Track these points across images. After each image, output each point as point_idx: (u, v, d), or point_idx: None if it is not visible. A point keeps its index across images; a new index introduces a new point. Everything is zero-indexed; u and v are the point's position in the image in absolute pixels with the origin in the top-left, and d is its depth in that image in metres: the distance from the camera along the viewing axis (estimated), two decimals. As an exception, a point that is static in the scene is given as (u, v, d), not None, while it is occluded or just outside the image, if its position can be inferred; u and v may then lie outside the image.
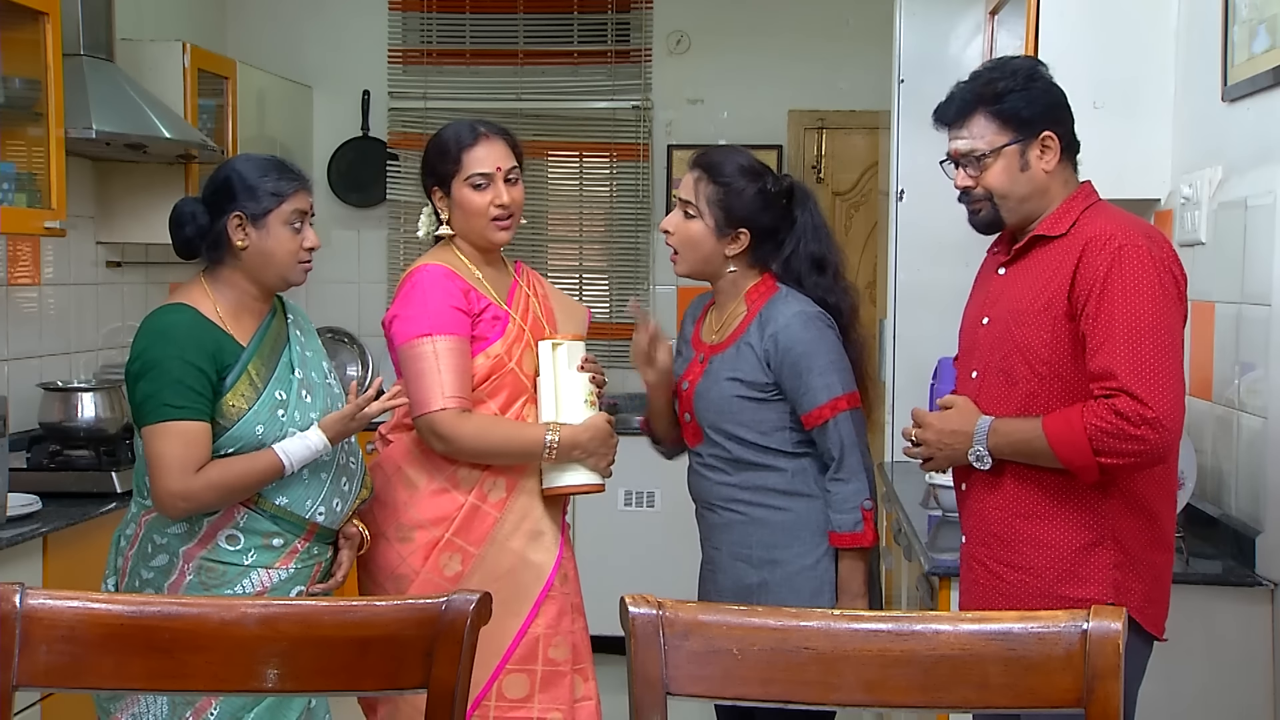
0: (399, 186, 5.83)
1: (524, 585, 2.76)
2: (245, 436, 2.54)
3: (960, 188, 2.46)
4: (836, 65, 5.67)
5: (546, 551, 2.80)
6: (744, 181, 2.78)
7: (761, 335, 2.73)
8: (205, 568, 2.55)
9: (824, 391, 2.70)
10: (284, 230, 2.61)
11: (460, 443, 2.72)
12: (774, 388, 2.73)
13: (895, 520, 3.76)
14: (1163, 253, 2.30)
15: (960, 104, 2.43)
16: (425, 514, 2.75)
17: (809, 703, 1.48)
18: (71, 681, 1.55)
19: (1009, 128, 2.38)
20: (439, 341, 2.71)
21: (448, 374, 2.70)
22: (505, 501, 2.78)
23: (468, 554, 2.75)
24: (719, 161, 2.82)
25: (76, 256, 4.47)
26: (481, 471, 2.77)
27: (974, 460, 2.39)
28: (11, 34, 3.59)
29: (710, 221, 2.77)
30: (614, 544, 4.87)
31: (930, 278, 4.37)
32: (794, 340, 2.71)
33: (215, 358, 2.53)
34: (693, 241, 2.80)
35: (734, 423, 2.75)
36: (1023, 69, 2.43)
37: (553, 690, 2.77)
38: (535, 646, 2.76)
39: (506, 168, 2.82)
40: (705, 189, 2.78)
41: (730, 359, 2.77)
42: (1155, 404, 2.20)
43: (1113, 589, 2.32)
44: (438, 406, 2.69)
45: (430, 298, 2.75)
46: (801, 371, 2.70)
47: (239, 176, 2.61)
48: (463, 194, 2.80)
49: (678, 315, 5.82)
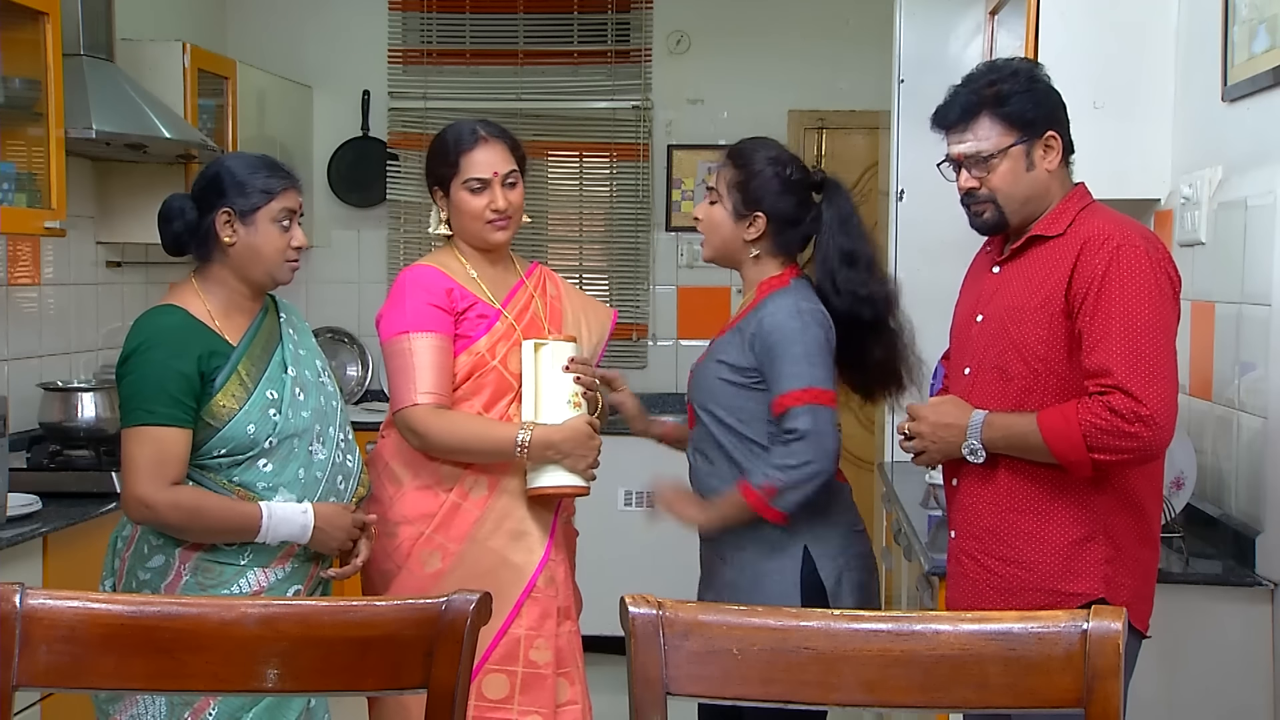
0: (399, 186, 5.83)
1: (504, 585, 2.74)
2: (237, 437, 2.54)
3: (965, 190, 2.46)
4: (836, 65, 5.67)
5: (529, 552, 2.80)
6: (763, 166, 2.79)
7: (751, 323, 2.74)
8: (202, 568, 2.55)
9: (794, 379, 2.66)
10: (272, 228, 2.61)
11: (431, 438, 2.74)
12: (755, 373, 2.72)
13: (895, 520, 3.76)
14: (1158, 253, 2.32)
15: (964, 107, 2.44)
16: (409, 510, 2.78)
17: (809, 703, 1.48)
18: (71, 681, 1.55)
19: (1015, 129, 2.40)
20: (416, 339, 2.74)
21: (423, 370, 2.73)
22: (487, 500, 2.79)
23: (448, 551, 2.76)
24: (746, 149, 2.84)
25: (76, 256, 4.47)
26: (463, 470, 2.78)
27: (968, 454, 2.40)
28: (11, 34, 3.59)
29: (729, 205, 2.79)
30: (614, 544, 4.86)
31: (930, 277, 4.35)
32: (776, 326, 2.70)
33: (202, 360, 2.53)
34: (713, 225, 2.82)
35: (716, 404, 2.76)
36: (1024, 70, 2.45)
37: (533, 693, 2.76)
38: (516, 647, 2.76)
39: (504, 172, 2.82)
40: (727, 174, 2.81)
41: (723, 343, 2.80)
42: (1150, 401, 2.22)
43: (1104, 584, 2.34)
44: (411, 401, 2.73)
45: (410, 296, 2.78)
46: (775, 357, 2.68)
47: (229, 173, 2.61)
48: (460, 197, 2.83)
49: (678, 315, 5.85)
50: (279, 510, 2.54)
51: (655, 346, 5.85)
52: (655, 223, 5.84)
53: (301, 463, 2.60)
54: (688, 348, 5.75)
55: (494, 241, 2.85)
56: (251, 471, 2.55)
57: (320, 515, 2.58)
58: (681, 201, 5.83)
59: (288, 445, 2.58)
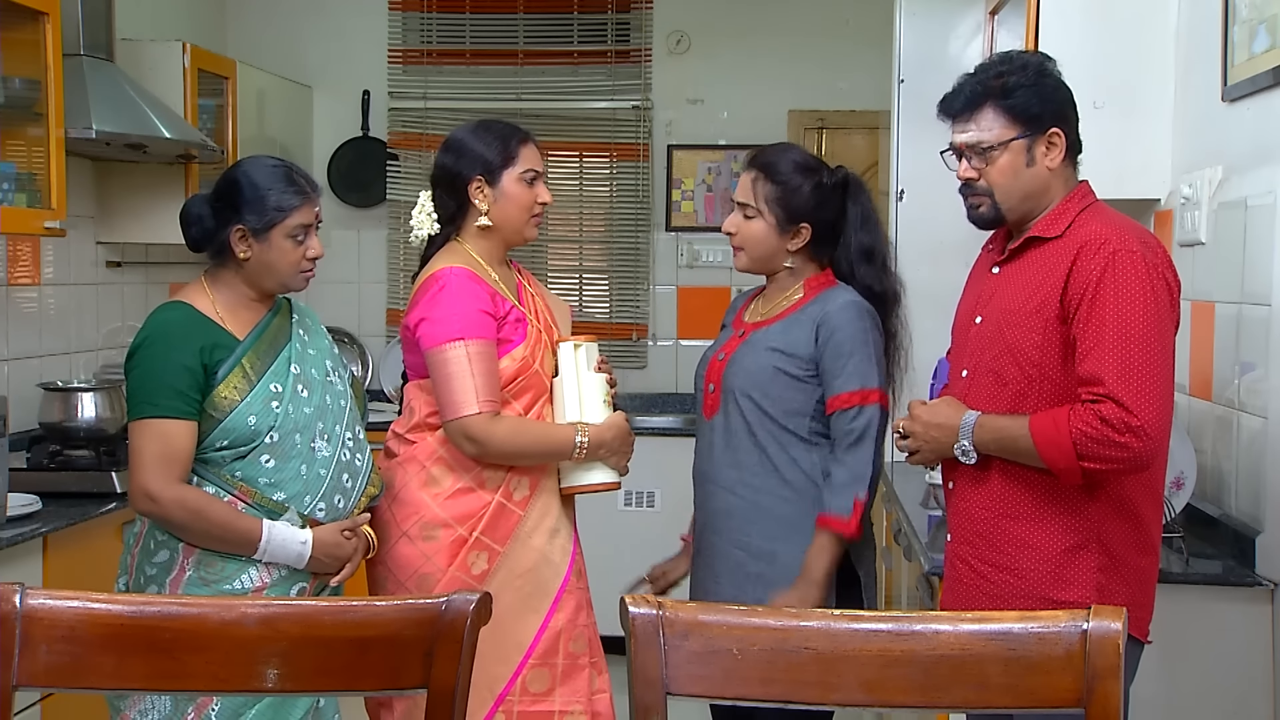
0: (399, 186, 5.83)
1: (545, 581, 2.79)
2: (238, 428, 2.55)
3: (963, 179, 2.45)
4: (836, 65, 5.67)
5: (563, 549, 2.83)
6: (800, 178, 2.81)
7: (817, 313, 2.77)
8: (205, 563, 2.56)
9: (858, 379, 2.73)
10: (286, 243, 2.62)
11: (493, 445, 2.73)
12: (812, 367, 2.75)
13: (895, 520, 3.76)
14: (1156, 258, 2.29)
15: (969, 96, 2.42)
16: (450, 512, 2.76)
17: (809, 703, 1.48)
18: (71, 681, 1.55)
19: (1018, 122, 2.38)
20: (471, 345, 2.71)
21: (480, 378, 2.70)
22: (529, 500, 2.80)
23: (494, 552, 2.76)
24: (774, 160, 2.84)
25: (76, 256, 4.47)
26: (507, 471, 2.78)
27: (959, 455, 2.40)
28: (11, 34, 3.59)
29: (771, 219, 2.81)
30: (614, 544, 4.85)
31: (930, 278, 4.35)
32: (846, 322, 2.75)
33: (204, 352, 2.55)
34: (755, 240, 2.83)
35: (762, 394, 2.77)
36: (1033, 64, 2.42)
37: (572, 683, 2.81)
38: (556, 641, 2.80)
39: (543, 170, 2.88)
40: (763, 188, 2.81)
41: (776, 332, 2.81)
42: (1140, 412, 2.20)
43: (1096, 592, 2.31)
44: (471, 410, 2.69)
45: (460, 301, 2.74)
46: (844, 354, 2.73)
47: (246, 185, 2.62)
48: (515, 187, 2.82)
49: (678, 315, 5.84)
50: (279, 533, 2.55)
51: (655, 346, 5.85)
52: (655, 223, 5.84)
53: (304, 459, 2.60)
54: (688, 348, 5.75)
55: (529, 237, 2.90)
56: (253, 467, 2.56)
57: (319, 545, 2.60)
58: (681, 201, 5.83)
59: (289, 440, 2.58)
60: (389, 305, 5.88)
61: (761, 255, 2.84)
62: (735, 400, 2.80)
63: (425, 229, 2.87)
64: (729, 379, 2.82)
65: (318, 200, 2.68)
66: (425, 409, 2.80)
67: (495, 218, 2.82)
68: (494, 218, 2.82)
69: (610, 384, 2.88)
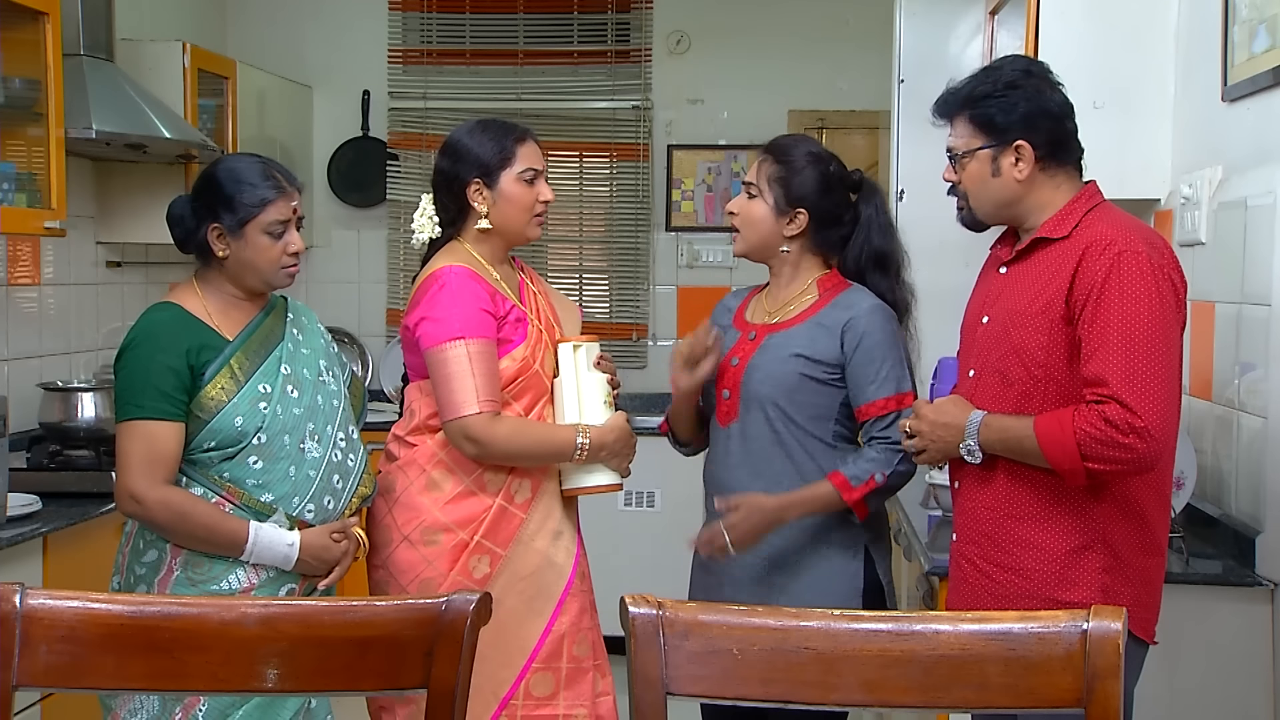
0: (399, 186, 5.83)
1: (548, 585, 2.78)
2: (225, 429, 2.54)
3: (946, 180, 2.50)
4: (836, 65, 5.67)
5: (566, 551, 2.81)
6: (805, 162, 2.78)
7: (841, 318, 2.73)
8: (192, 563, 2.56)
9: (893, 384, 2.70)
10: (263, 239, 2.61)
11: (494, 446, 2.71)
12: (836, 370, 2.72)
13: (895, 520, 3.76)
14: (1163, 259, 2.29)
15: (943, 103, 2.47)
16: (451, 516, 2.74)
17: (809, 703, 1.48)
18: (71, 681, 1.55)
19: (981, 133, 2.40)
20: (471, 345, 2.69)
21: (480, 378, 2.68)
22: (530, 503, 2.79)
23: (496, 555, 2.75)
24: (786, 145, 2.84)
25: (76, 256, 4.47)
26: (508, 474, 2.77)
27: (965, 454, 2.40)
28: (11, 34, 3.59)
29: (770, 200, 2.78)
30: (614, 544, 4.85)
31: (930, 278, 4.33)
32: (876, 327, 2.71)
33: (191, 353, 2.55)
34: (752, 220, 2.80)
35: (787, 400, 2.73)
36: (1005, 76, 2.41)
37: (576, 687, 2.79)
38: (560, 644, 2.78)
39: (543, 168, 2.85)
40: (767, 168, 2.80)
41: (798, 336, 2.75)
42: (1145, 413, 2.19)
43: (1101, 593, 2.31)
44: (471, 410, 2.67)
45: (460, 300, 2.72)
46: (877, 359, 2.70)
47: (220, 183, 2.61)
48: (514, 187, 2.80)
49: (678, 315, 5.84)
50: (266, 535, 2.55)
51: (655, 346, 5.84)
52: (655, 223, 5.84)
53: (292, 460, 2.60)
54: (688, 348, 5.73)
55: (532, 237, 2.86)
56: (241, 468, 2.56)
57: (307, 547, 2.59)
58: (681, 201, 5.83)
59: (278, 441, 2.58)
60: (389, 305, 5.87)
61: (757, 238, 2.80)
62: (760, 408, 2.75)
63: (426, 233, 2.86)
64: (751, 386, 2.76)
65: (295, 195, 2.66)
66: (425, 411, 2.78)
67: (495, 219, 2.80)
68: (494, 219, 2.80)
69: (613, 384, 2.86)
